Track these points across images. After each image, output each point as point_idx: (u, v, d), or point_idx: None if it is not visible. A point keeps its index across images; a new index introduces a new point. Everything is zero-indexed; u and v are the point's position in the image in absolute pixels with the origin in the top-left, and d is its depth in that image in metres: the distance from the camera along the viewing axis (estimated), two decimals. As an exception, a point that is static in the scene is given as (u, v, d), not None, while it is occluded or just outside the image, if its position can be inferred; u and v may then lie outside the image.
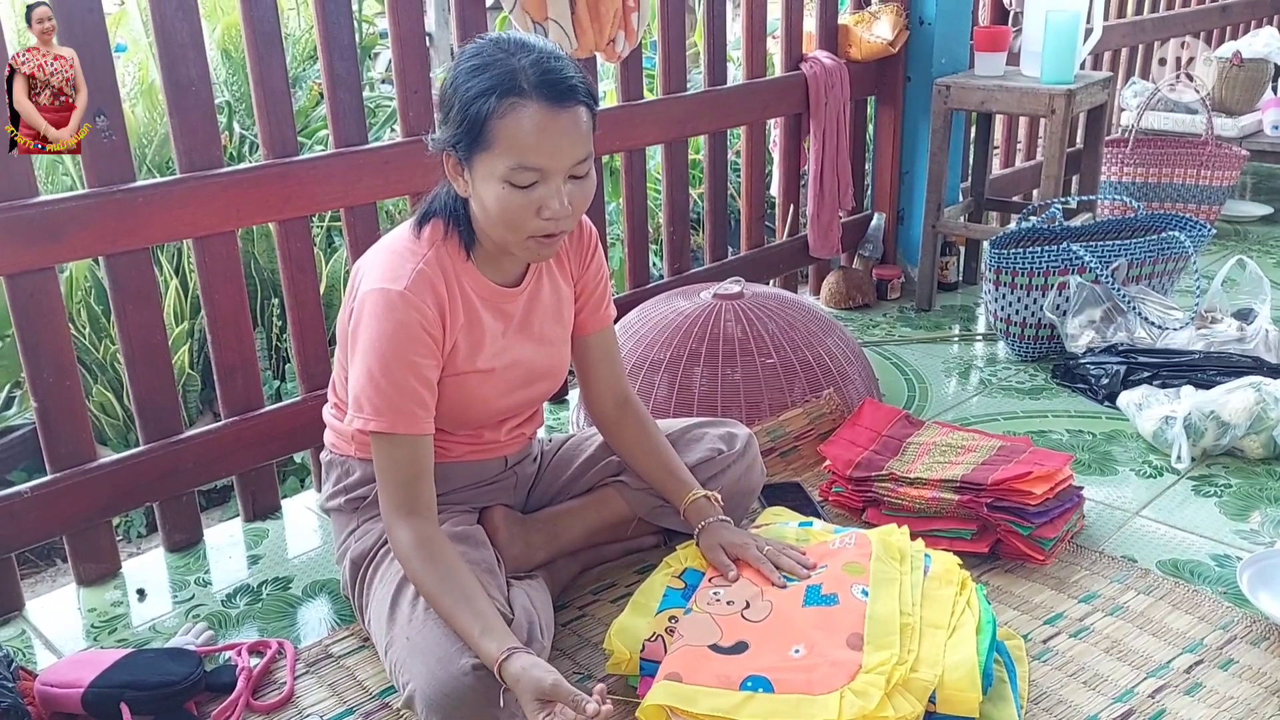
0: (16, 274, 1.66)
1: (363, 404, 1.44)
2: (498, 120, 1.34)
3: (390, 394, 1.43)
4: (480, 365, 1.54)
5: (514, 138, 1.35)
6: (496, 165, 1.36)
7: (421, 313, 1.43)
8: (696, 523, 1.64)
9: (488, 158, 1.37)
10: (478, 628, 1.34)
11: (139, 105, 3.16)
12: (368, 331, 1.43)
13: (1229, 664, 1.53)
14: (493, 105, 1.34)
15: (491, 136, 1.35)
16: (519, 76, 1.35)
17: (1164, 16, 4.28)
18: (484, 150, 1.37)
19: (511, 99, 1.34)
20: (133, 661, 1.50)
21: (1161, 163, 3.56)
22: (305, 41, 3.54)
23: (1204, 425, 2.11)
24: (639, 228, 2.63)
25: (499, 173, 1.37)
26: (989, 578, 1.75)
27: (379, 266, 1.47)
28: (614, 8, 2.22)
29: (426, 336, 1.44)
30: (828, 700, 1.29)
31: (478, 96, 1.35)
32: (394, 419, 1.44)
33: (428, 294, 1.44)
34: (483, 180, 1.39)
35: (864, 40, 2.94)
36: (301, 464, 2.76)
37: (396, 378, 1.43)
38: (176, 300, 2.81)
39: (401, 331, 1.42)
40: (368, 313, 1.44)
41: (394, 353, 1.42)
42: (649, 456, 1.71)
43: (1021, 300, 2.60)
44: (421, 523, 1.45)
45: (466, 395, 1.55)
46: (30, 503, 1.73)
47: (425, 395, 1.46)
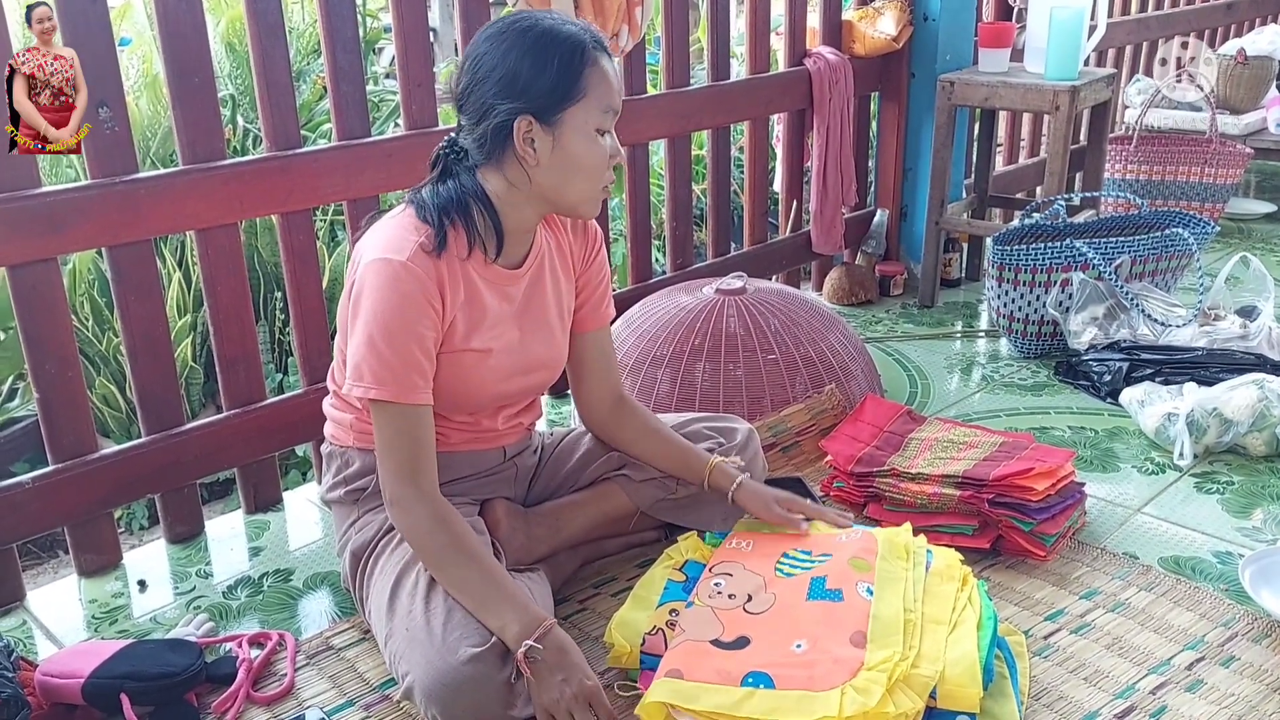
0: (19, 265, 1.66)
1: (364, 372, 1.45)
2: (590, 69, 1.45)
3: (392, 362, 1.43)
4: (477, 344, 1.54)
5: (603, 84, 1.46)
6: (591, 113, 1.46)
7: (423, 284, 1.44)
8: (727, 486, 1.67)
9: (580, 109, 1.45)
10: (509, 600, 1.37)
11: (143, 98, 3.16)
12: (370, 300, 1.44)
13: (1230, 661, 1.53)
14: (585, 59, 1.45)
15: (585, 85, 1.45)
16: (586, 35, 1.47)
17: (1168, 14, 4.27)
18: (577, 101, 1.45)
19: (595, 52, 1.46)
20: (133, 652, 1.50)
21: (1165, 160, 3.55)
22: (309, 35, 3.54)
23: (1206, 422, 2.11)
24: (642, 223, 2.63)
25: (593, 119, 1.46)
26: (990, 573, 1.75)
27: (381, 239, 1.48)
28: (618, 3, 2.22)
29: (429, 307, 1.45)
30: (829, 696, 1.28)
31: (569, 53, 1.44)
32: (396, 388, 1.44)
33: (429, 266, 1.46)
34: (572, 134, 1.46)
35: (868, 36, 2.93)
36: (303, 457, 2.76)
37: (399, 346, 1.43)
38: (179, 293, 2.81)
39: (404, 301, 1.43)
40: (369, 283, 1.44)
41: (397, 321, 1.43)
42: (657, 440, 1.72)
43: (1024, 297, 2.60)
44: (432, 494, 1.46)
45: (463, 375, 1.55)
46: (32, 493, 1.74)
47: (426, 365, 1.47)
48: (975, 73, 2.95)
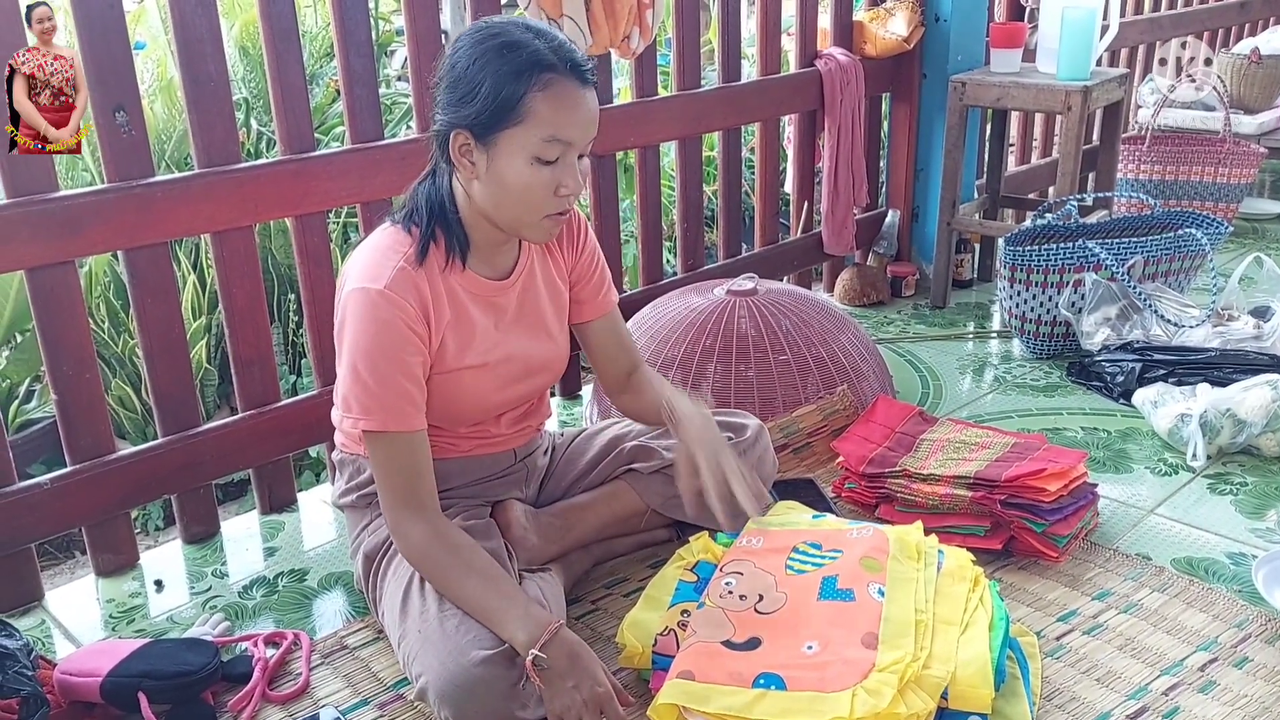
0: (37, 268, 1.68)
1: (351, 404, 1.44)
2: (536, 93, 1.36)
3: (378, 393, 1.43)
4: (471, 361, 1.53)
5: (550, 111, 1.37)
6: (529, 139, 1.38)
7: (404, 310, 1.43)
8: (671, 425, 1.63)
9: (517, 133, 1.38)
10: (514, 608, 1.37)
11: (157, 102, 3.18)
12: (351, 331, 1.43)
13: (1244, 662, 1.52)
14: (530, 80, 1.36)
15: (525, 110, 1.36)
16: (551, 55, 1.38)
17: (1180, 13, 4.26)
18: (513, 125, 1.37)
19: (549, 75, 1.37)
20: (150, 651, 1.51)
21: (1179, 160, 3.54)
22: (322, 39, 3.56)
23: (1220, 423, 2.10)
24: (653, 224, 2.63)
25: (530, 147, 1.38)
26: (1002, 574, 1.75)
27: (360, 266, 1.46)
28: (629, 4, 2.23)
29: (411, 334, 1.44)
30: (840, 698, 1.29)
31: (514, 72, 1.36)
32: (384, 417, 1.43)
33: (409, 292, 1.44)
34: (506, 157, 1.39)
35: (879, 37, 2.93)
36: (317, 459, 2.77)
37: (383, 376, 1.42)
38: (194, 296, 2.83)
39: (384, 331, 1.42)
40: (350, 313, 1.43)
41: (378, 352, 1.42)
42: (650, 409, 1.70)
43: (1036, 297, 2.60)
44: (431, 515, 1.46)
45: (460, 392, 1.54)
46: (50, 494, 1.75)
47: (414, 392, 1.45)
48: (987, 73, 2.94)
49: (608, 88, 2.43)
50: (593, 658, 1.38)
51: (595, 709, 1.33)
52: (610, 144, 2.41)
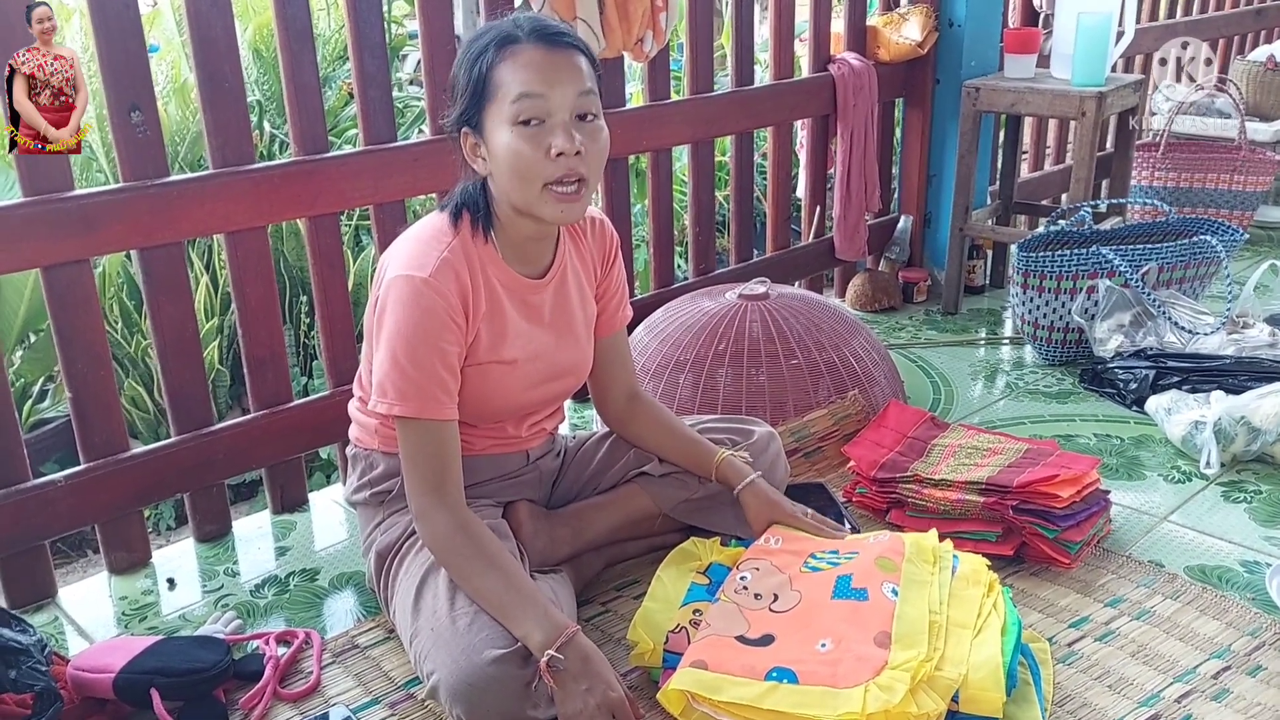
0: (52, 266, 1.69)
1: (387, 389, 1.46)
2: (499, 65, 1.40)
3: (416, 379, 1.44)
4: (503, 356, 1.55)
5: (512, 72, 1.40)
6: (504, 107, 1.40)
7: (446, 299, 1.45)
8: (736, 483, 1.67)
9: (495, 107, 1.41)
10: (532, 608, 1.37)
11: (171, 104, 3.20)
12: (393, 317, 1.45)
13: (1257, 670, 1.51)
14: (491, 56, 1.41)
15: (495, 82, 1.40)
16: (513, 28, 1.42)
17: (1197, 19, 4.24)
18: (490, 100, 1.41)
19: (509, 46, 1.41)
20: (163, 648, 1.52)
21: (1194, 167, 3.52)
22: (335, 42, 3.57)
23: (1234, 430, 2.09)
24: (665, 228, 2.63)
25: (505, 113, 1.40)
26: (1014, 580, 1.74)
27: (404, 254, 1.49)
28: (642, 8, 2.23)
29: (451, 323, 1.46)
30: (852, 693, 1.29)
31: (479, 54, 1.41)
32: (420, 404, 1.45)
33: (451, 281, 1.46)
34: (494, 134, 1.42)
35: (892, 42, 2.93)
36: (328, 459, 2.78)
37: (421, 363, 1.44)
38: (207, 296, 2.84)
39: (426, 318, 1.44)
40: (393, 299, 1.46)
41: (419, 338, 1.44)
42: (666, 434, 1.73)
43: (1049, 304, 2.59)
44: (456, 505, 1.47)
45: (490, 386, 1.56)
46: (64, 491, 1.76)
47: (449, 381, 1.48)
48: (1001, 78, 2.94)
49: (620, 91, 2.44)
50: (606, 664, 1.38)
51: (607, 713, 1.33)
52: (622, 148, 2.41)
